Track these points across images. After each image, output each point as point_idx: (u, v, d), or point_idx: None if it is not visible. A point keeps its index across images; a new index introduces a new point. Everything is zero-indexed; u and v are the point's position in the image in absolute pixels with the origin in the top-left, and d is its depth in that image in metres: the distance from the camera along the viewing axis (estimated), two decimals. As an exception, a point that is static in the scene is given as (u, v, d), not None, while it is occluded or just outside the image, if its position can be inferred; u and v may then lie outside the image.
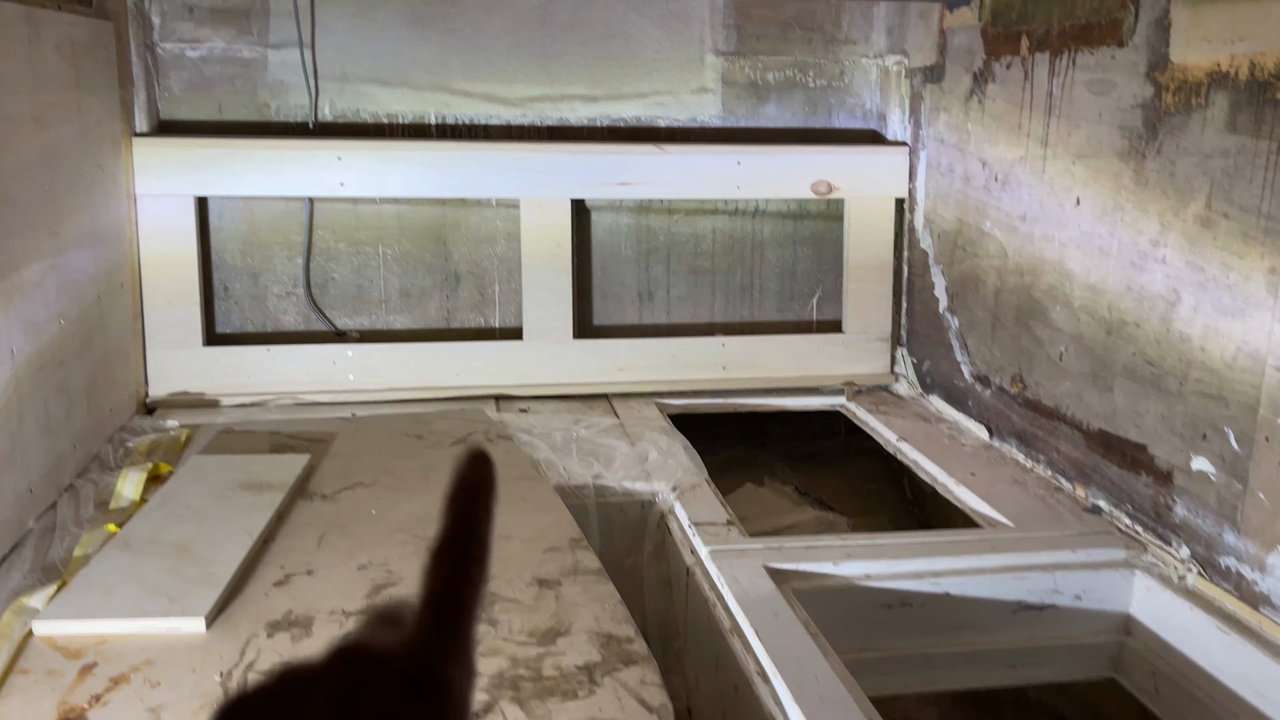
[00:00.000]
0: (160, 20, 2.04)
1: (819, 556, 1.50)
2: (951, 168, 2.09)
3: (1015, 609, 1.50)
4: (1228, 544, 1.39)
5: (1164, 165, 1.48)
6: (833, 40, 2.27)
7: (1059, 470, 1.76)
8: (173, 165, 2.00)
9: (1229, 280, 1.37)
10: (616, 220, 2.27)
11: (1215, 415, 1.40)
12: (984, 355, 2.00)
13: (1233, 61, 1.36)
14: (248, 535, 1.45)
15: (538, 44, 2.17)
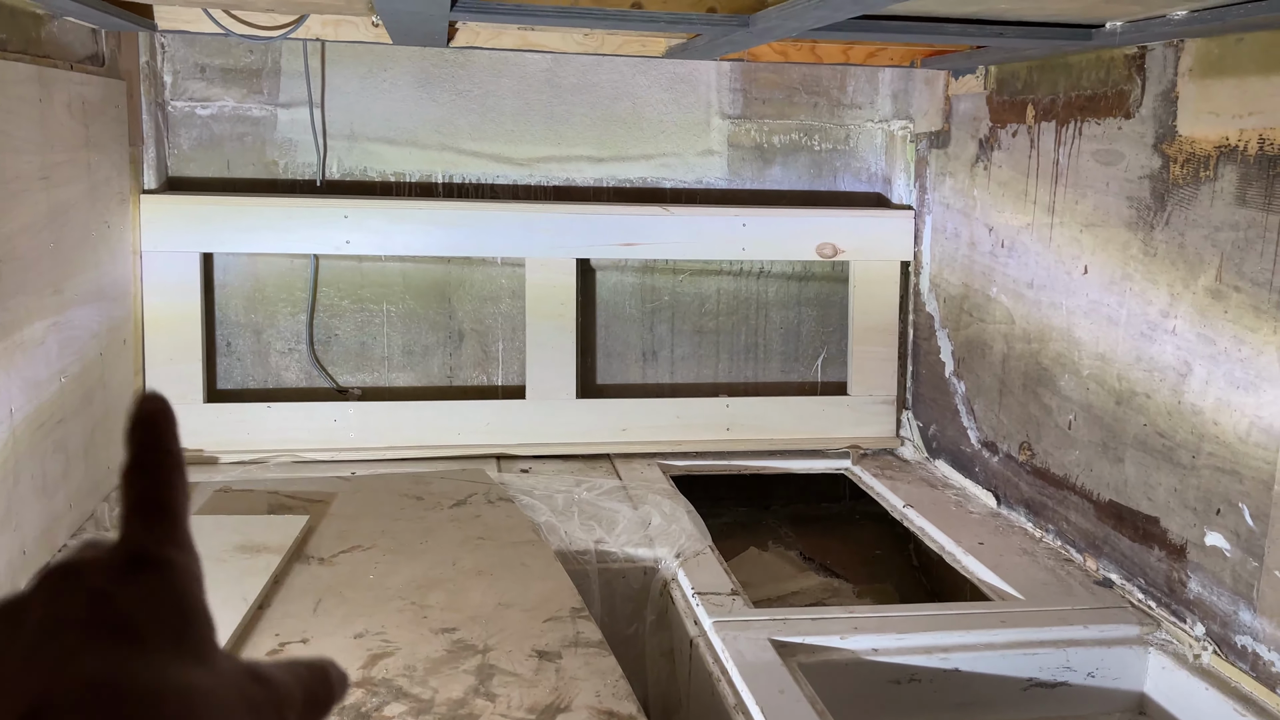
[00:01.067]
0: (172, 79, 2.06)
1: (825, 630, 1.47)
2: (957, 232, 2.09)
3: (1026, 686, 1.46)
4: (1243, 623, 1.36)
5: (1173, 236, 1.48)
6: (838, 104, 2.29)
7: (1069, 541, 1.74)
8: (180, 221, 2.00)
9: (1241, 354, 1.36)
10: (621, 279, 2.27)
11: (1229, 490, 1.38)
12: (991, 421, 1.98)
13: (1242, 135, 1.36)
14: (242, 601, 1.42)
15: (545, 105, 2.18)
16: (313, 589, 1.50)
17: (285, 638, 1.37)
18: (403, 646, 1.36)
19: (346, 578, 1.54)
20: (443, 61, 2.14)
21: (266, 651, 1.33)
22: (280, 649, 1.34)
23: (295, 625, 1.40)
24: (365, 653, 1.34)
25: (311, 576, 1.54)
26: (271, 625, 1.40)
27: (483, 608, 1.47)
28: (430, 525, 1.75)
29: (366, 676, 1.28)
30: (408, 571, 1.57)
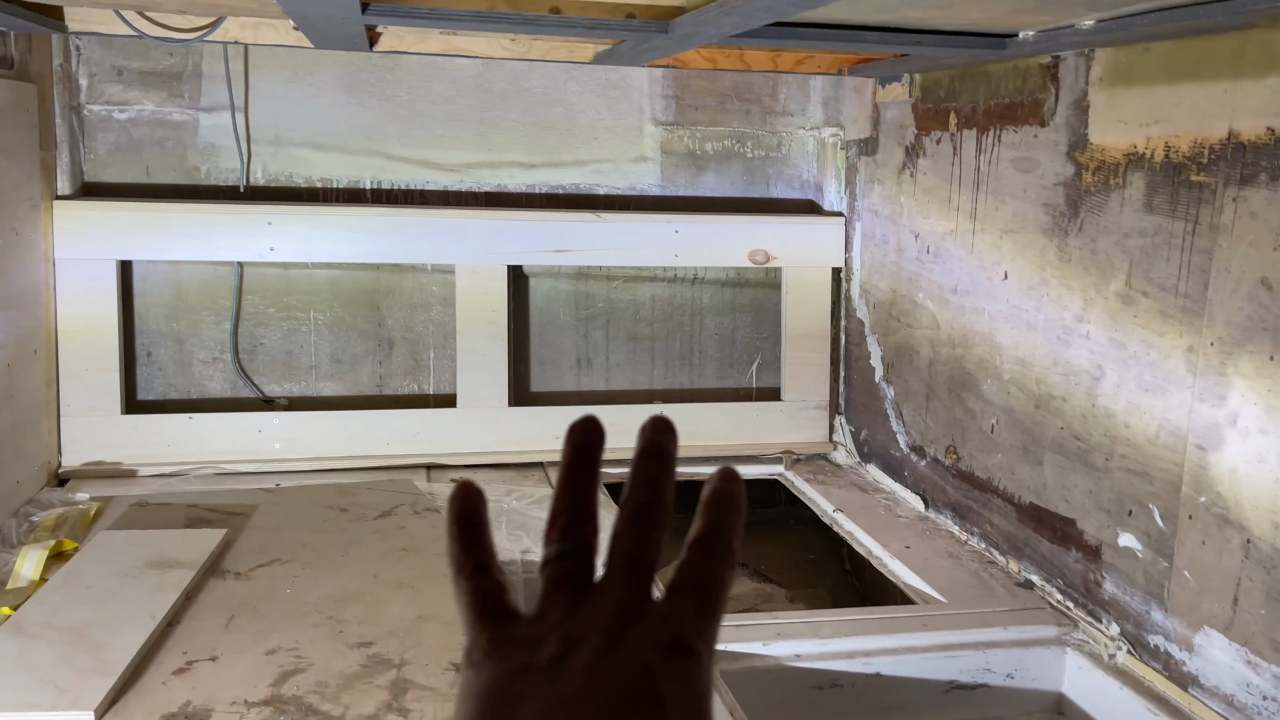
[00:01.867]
0: (88, 82, 2.01)
1: (748, 636, 1.46)
2: (886, 239, 2.10)
3: (947, 689, 1.47)
4: (1156, 622, 1.38)
5: (1086, 242, 1.50)
6: (770, 112, 2.30)
7: (993, 543, 1.75)
8: (95, 229, 1.95)
9: (1150, 358, 1.38)
10: (555, 286, 2.26)
11: (1140, 491, 1.40)
12: (919, 425, 1.99)
13: (1149, 143, 1.39)
14: (150, 619, 1.38)
15: (476, 111, 2.16)
16: (226, 605, 1.47)
17: (193, 655, 1.33)
18: (316, 662, 1.33)
19: (263, 592, 1.51)
20: (370, 66, 2.11)
21: (172, 670, 1.29)
22: (187, 667, 1.30)
23: (205, 642, 1.36)
24: (276, 669, 1.31)
25: (226, 592, 1.51)
26: (180, 643, 1.36)
27: (401, 621, 1.45)
28: (353, 537, 1.72)
29: (276, 694, 1.25)
30: (327, 585, 1.54)
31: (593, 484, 0.42)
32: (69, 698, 1.20)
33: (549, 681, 0.35)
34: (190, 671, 1.29)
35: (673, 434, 0.43)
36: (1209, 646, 1.30)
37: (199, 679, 1.28)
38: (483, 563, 0.40)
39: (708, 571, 0.39)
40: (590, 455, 0.42)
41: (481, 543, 0.41)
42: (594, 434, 0.42)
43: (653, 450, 0.42)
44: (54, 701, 1.19)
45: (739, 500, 0.41)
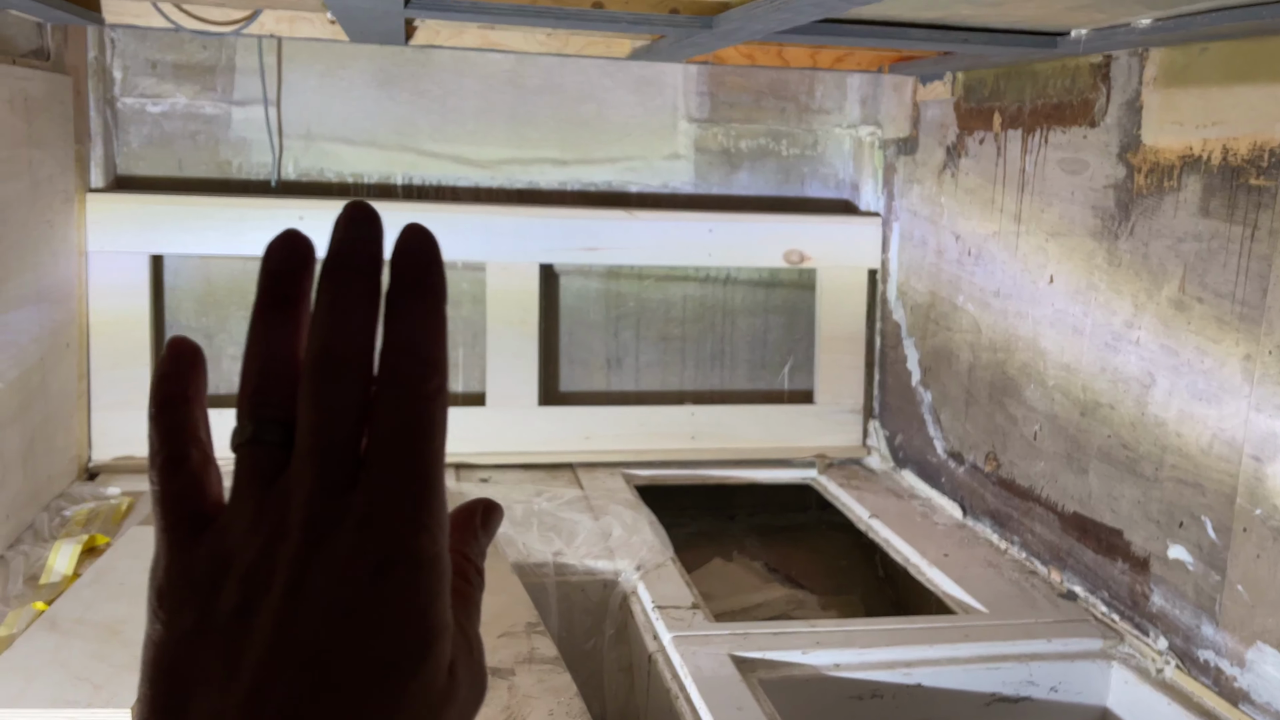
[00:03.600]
0: (122, 75, 2.00)
1: (786, 644, 1.44)
2: (925, 240, 2.07)
3: (989, 701, 1.44)
4: (1206, 637, 1.35)
5: (1137, 246, 1.47)
6: (806, 109, 2.27)
7: (1034, 553, 1.72)
8: (128, 222, 1.94)
9: (1204, 365, 1.35)
10: (586, 285, 2.23)
11: (1192, 503, 1.37)
12: (957, 431, 1.96)
13: (1205, 145, 1.35)
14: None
15: (508, 106, 2.14)
16: (258, 603, 1.45)
17: (227, 655, 1.32)
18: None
19: (294, 591, 1.49)
20: (403, 60, 2.09)
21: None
22: (221, 667, 1.29)
23: (238, 642, 1.35)
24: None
25: (258, 590, 1.49)
26: (213, 642, 1.34)
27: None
28: (384, 536, 1.70)
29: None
30: (358, 585, 1.52)
31: (294, 331, 0.31)
32: (104, 695, 1.19)
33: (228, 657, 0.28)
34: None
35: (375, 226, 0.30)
36: (1261, 662, 1.26)
37: (232, 679, 1.26)
38: (180, 453, 0.31)
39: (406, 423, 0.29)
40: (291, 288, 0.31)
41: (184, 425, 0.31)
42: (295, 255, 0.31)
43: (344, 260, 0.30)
44: (89, 699, 1.18)
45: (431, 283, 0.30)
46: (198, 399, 0.32)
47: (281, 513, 0.29)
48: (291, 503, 0.29)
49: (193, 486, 0.31)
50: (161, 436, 0.32)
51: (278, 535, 0.29)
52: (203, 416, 0.32)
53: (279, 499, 0.30)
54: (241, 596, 0.29)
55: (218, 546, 0.30)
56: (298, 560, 0.28)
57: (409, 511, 0.29)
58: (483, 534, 0.35)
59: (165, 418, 0.32)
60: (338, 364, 0.30)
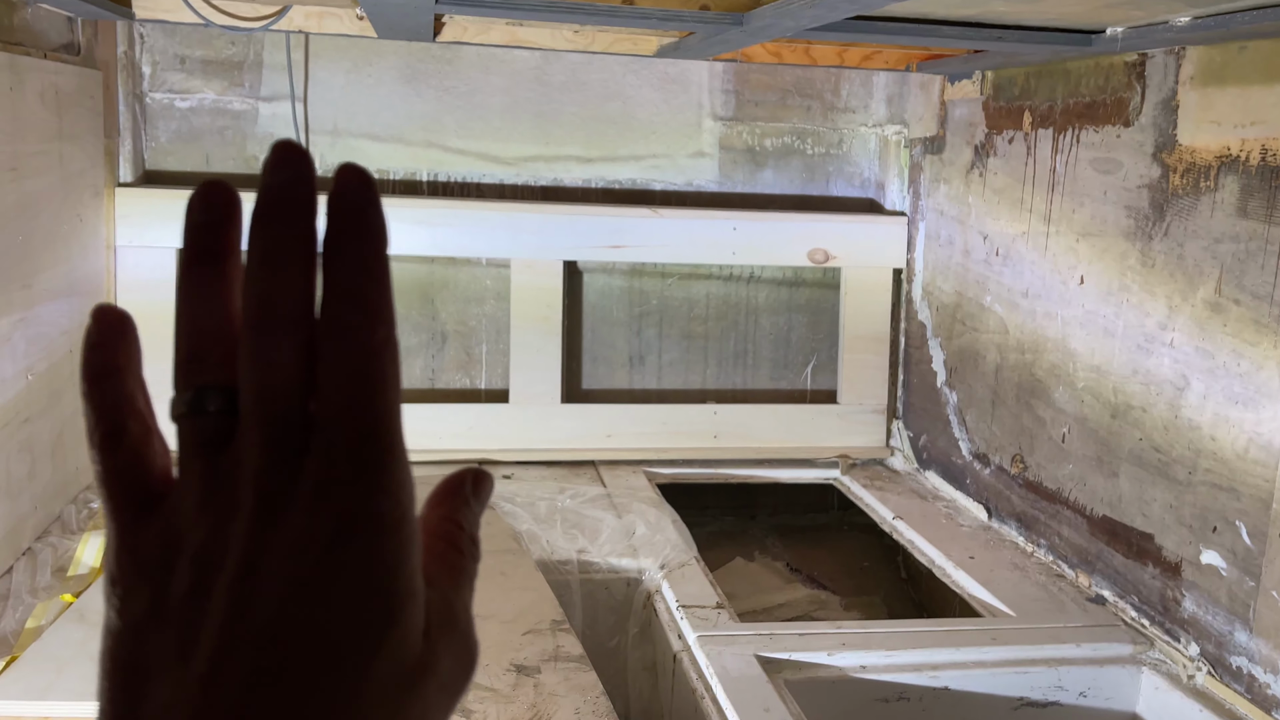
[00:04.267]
0: (151, 70, 2.01)
1: (812, 645, 1.43)
2: (951, 240, 2.05)
3: (1017, 706, 1.43)
4: (1239, 643, 1.33)
5: (1171, 247, 1.45)
6: (831, 108, 2.26)
7: (1061, 556, 1.70)
8: (156, 216, 1.95)
9: (1240, 369, 1.33)
10: (609, 283, 2.23)
11: (1226, 507, 1.35)
12: (983, 433, 1.94)
13: (1243, 145, 1.33)
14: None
15: (534, 104, 2.14)
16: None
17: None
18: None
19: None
20: (429, 57, 2.09)
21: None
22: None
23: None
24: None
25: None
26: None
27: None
28: (408, 532, 1.70)
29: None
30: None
31: (223, 285, 0.29)
32: None
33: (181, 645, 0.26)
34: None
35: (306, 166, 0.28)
36: (1298, 671, 1.25)
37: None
38: (117, 426, 0.29)
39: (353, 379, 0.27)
40: (216, 243, 0.29)
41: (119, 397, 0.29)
42: (218, 207, 0.29)
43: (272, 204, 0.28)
44: None
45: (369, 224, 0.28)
46: (130, 368, 0.30)
47: (231, 486, 0.27)
48: (241, 474, 0.27)
49: (135, 462, 0.29)
50: (97, 411, 0.29)
51: (228, 511, 0.27)
52: (139, 386, 0.30)
53: (227, 470, 0.28)
54: (194, 578, 0.27)
55: (167, 526, 0.28)
56: (250, 536, 0.27)
57: (365, 474, 0.27)
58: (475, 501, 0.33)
59: (98, 391, 0.29)
60: (277, 318, 0.27)
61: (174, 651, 0.26)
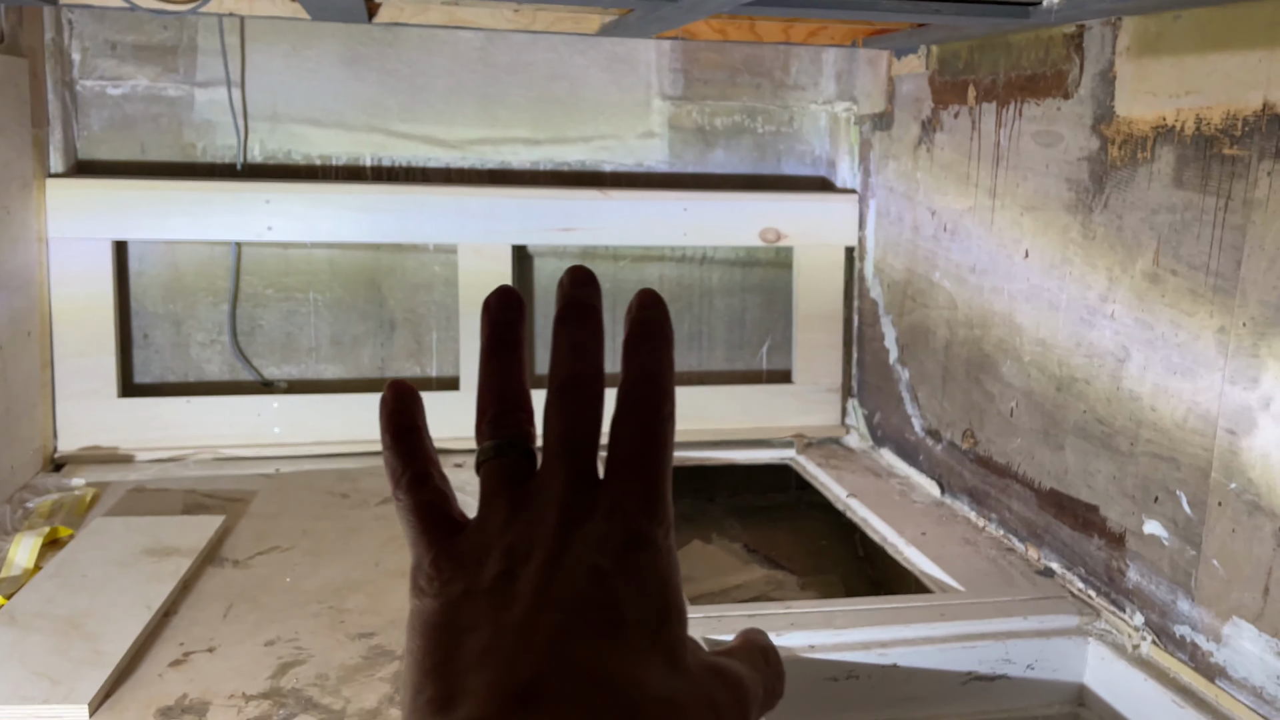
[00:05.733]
0: (81, 57, 1.95)
1: (762, 626, 1.41)
2: (901, 216, 2.05)
3: (966, 680, 1.43)
4: (1182, 612, 1.34)
5: (1111, 219, 1.45)
6: (781, 86, 2.24)
7: (1011, 530, 1.71)
8: (89, 207, 1.90)
9: (1178, 339, 1.33)
10: (560, 267, 2.20)
11: (1167, 477, 1.35)
12: (934, 409, 1.94)
13: (1179, 116, 1.33)
14: (145, 608, 1.34)
15: (479, 85, 2.11)
16: (224, 594, 1.43)
17: (190, 646, 1.30)
18: (316, 654, 1.29)
19: (261, 581, 1.47)
20: (370, 40, 2.05)
21: (168, 662, 1.25)
22: (184, 658, 1.27)
23: (202, 633, 1.33)
24: (275, 661, 1.27)
25: (224, 580, 1.47)
26: (177, 633, 1.32)
27: (405, 611, 1.40)
28: (354, 524, 1.68)
29: (275, 687, 1.21)
30: (327, 574, 1.50)
31: (518, 365, 0.38)
32: (62, 690, 1.16)
33: (495, 606, 0.32)
34: (187, 663, 1.26)
35: (595, 286, 0.38)
36: (1238, 637, 1.25)
37: (196, 671, 1.24)
38: (422, 471, 0.37)
39: (645, 436, 0.35)
40: (511, 333, 0.38)
41: (419, 449, 0.37)
42: (512, 308, 0.38)
43: (575, 310, 0.37)
44: (47, 694, 1.16)
45: (664, 331, 0.37)
46: (425, 428, 0.38)
47: (536, 506, 0.34)
48: (546, 493, 0.34)
49: (437, 499, 0.36)
50: (403, 459, 0.37)
51: (534, 521, 0.34)
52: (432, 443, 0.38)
53: (531, 496, 0.35)
54: (505, 566, 0.33)
55: (478, 536, 0.34)
56: (556, 536, 0.33)
57: (648, 506, 0.34)
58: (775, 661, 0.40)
59: (403, 444, 0.37)
60: (581, 385, 0.36)
61: (488, 614, 0.32)
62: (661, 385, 0.36)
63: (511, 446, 0.36)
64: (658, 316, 0.37)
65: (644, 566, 0.33)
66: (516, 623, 0.31)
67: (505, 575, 0.32)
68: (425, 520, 0.35)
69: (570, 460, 0.35)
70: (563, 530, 0.33)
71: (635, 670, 0.31)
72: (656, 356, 0.36)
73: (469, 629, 0.32)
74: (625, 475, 0.34)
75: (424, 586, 0.34)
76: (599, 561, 0.32)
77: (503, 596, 0.32)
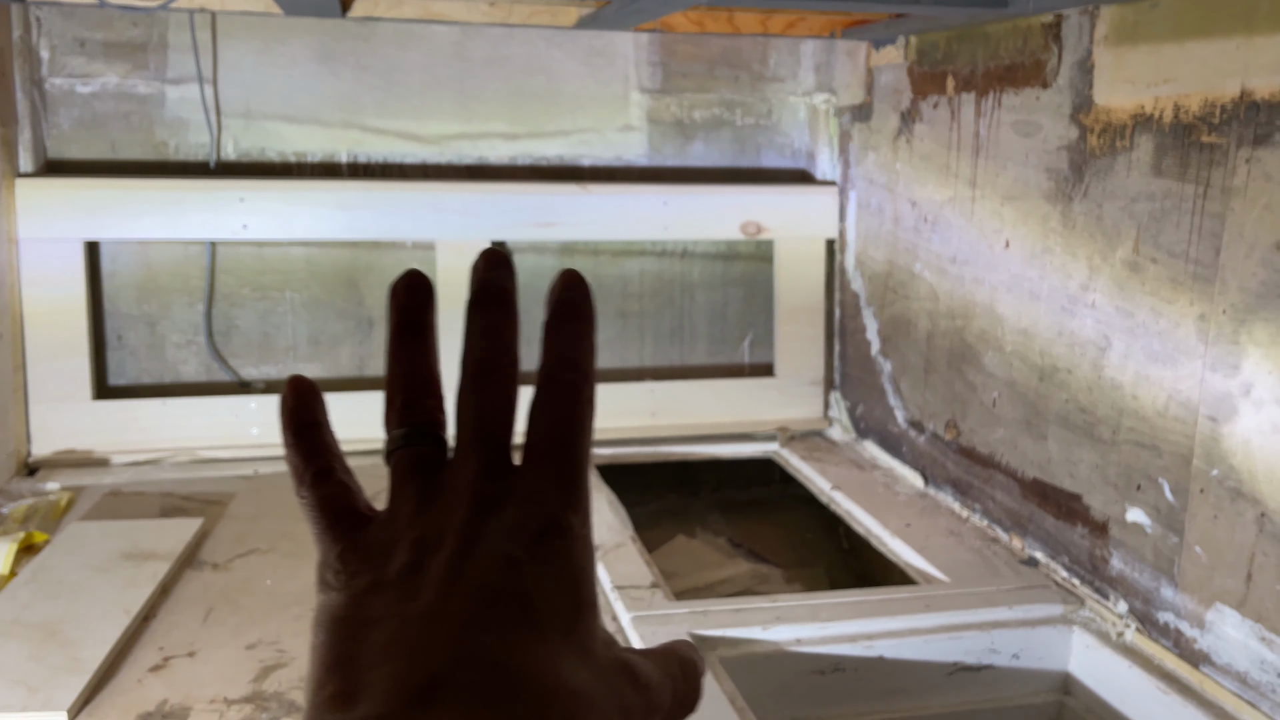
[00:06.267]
0: (50, 55, 1.92)
1: (747, 620, 1.42)
2: (881, 208, 2.05)
3: (952, 671, 1.43)
4: (1166, 599, 1.34)
5: (1091, 208, 1.45)
6: (760, 78, 2.23)
7: (995, 520, 1.71)
8: (60, 207, 1.87)
9: (1159, 327, 1.33)
10: (540, 262, 2.19)
11: (1149, 465, 1.36)
12: (917, 400, 1.95)
13: (1157, 104, 1.33)
14: (124, 613, 1.32)
15: (455, 80, 2.09)
16: (204, 597, 1.41)
17: (170, 651, 1.28)
18: (298, 656, 1.27)
19: (241, 584, 1.45)
20: (344, 35, 2.03)
21: (148, 668, 1.24)
22: (164, 663, 1.25)
23: (182, 637, 1.31)
24: (257, 665, 1.25)
25: (203, 584, 1.45)
26: (156, 638, 1.30)
27: (387, 611, 1.39)
28: (336, 524, 1.66)
29: (257, 690, 1.20)
30: (308, 576, 1.48)
31: (427, 351, 0.37)
32: (40, 698, 1.14)
33: (402, 598, 0.31)
34: (167, 668, 1.24)
35: (509, 268, 0.37)
36: (1221, 623, 1.26)
37: (176, 676, 1.22)
38: (325, 467, 0.36)
39: (561, 419, 0.34)
40: (419, 318, 0.37)
41: (321, 444, 0.36)
42: (419, 291, 0.37)
43: (487, 293, 0.36)
44: (24, 702, 1.14)
45: (586, 312, 0.36)
46: (326, 423, 0.37)
47: (448, 491, 0.33)
48: (457, 481, 0.33)
49: (342, 493, 0.35)
50: (305, 456, 0.36)
51: (446, 508, 0.32)
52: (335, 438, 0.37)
53: (442, 484, 0.33)
54: (413, 557, 0.31)
55: (386, 528, 0.33)
56: (466, 525, 0.32)
57: (564, 493, 0.33)
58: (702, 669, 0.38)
59: (304, 440, 0.36)
60: (493, 369, 0.35)
61: (394, 606, 0.30)
62: (581, 368, 0.35)
63: (421, 435, 0.35)
64: (579, 298, 0.36)
65: (559, 555, 0.32)
66: (423, 614, 0.30)
67: (413, 566, 0.31)
68: (329, 515, 0.34)
69: (482, 447, 0.34)
70: (474, 519, 0.32)
71: (545, 662, 0.29)
72: (577, 339, 0.35)
73: (374, 622, 0.31)
74: (541, 461, 0.33)
75: (330, 581, 0.33)
76: (511, 550, 0.31)
77: (410, 588, 0.31)
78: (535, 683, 0.29)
